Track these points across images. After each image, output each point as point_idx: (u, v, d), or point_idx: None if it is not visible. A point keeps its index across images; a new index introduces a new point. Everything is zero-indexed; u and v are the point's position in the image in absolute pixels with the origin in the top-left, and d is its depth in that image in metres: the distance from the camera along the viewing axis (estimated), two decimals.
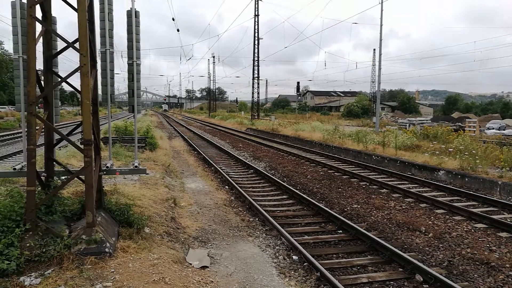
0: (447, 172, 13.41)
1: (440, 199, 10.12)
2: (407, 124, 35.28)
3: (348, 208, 9.68)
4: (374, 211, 9.35)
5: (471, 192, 10.86)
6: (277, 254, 6.56)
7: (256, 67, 48.46)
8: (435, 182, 12.35)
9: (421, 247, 7.05)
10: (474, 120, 36.94)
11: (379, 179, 12.73)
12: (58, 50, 5.97)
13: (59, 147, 13.41)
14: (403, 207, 9.74)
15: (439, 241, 7.34)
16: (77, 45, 5.22)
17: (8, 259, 4.27)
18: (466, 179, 12.52)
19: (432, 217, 8.83)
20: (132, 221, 5.98)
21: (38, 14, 5.23)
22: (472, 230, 7.94)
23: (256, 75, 49.11)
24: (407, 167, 15.20)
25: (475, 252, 6.75)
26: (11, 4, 5.75)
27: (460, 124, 35.32)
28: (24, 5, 5.72)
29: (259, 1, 45.99)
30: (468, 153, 14.10)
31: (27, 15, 4.90)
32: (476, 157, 13.51)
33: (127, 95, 6.83)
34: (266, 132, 33.47)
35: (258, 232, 7.68)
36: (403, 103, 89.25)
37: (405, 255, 6.24)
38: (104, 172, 6.18)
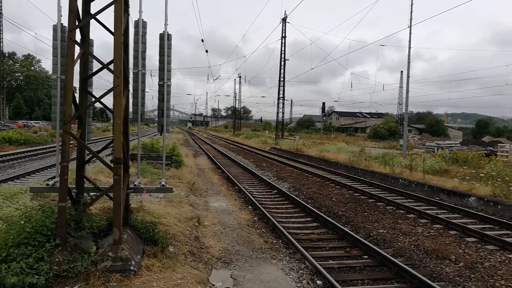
0: (478, 198, 12.94)
1: (471, 226, 9.75)
2: (435, 148, 34.41)
3: (374, 232, 9.45)
4: (401, 237, 9.09)
5: (505, 221, 10.41)
6: (300, 278, 6.45)
7: (282, 87, 48.78)
8: (465, 209, 11.93)
9: (451, 276, 6.77)
10: (506, 144, 35.65)
11: (406, 204, 12.41)
12: (93, 71, 6.22)
13: (88, 163, 13.80)
14: (432, 233, 9.43)
15: (471, 271, 7.03)
16: (111, 66, 5.43)
17: (37, 274, 4.37)
18: (499, 207, 12.03)
19: (462, 245, 8.50)
20: (157, 239, 6.04)
21: (77, 37, 5.48)
22: (506, 261, 7.57)
23: (281, 95, 49.39)
24: (435, 192, 14.77)
25: (510, 284, 6.43)
26: (52, 27, 6.07)
27: (491, 148, 34.22)
28: (64, 28, 6.03)
29: (286, 23, 46.58)
30: (501, 179, 13.59)
31: (68, 38, 5.14)
32: (510, 183, 13.01)
33: (154, 112, 7.03)
34: (290, 152, 33.37)
35: (281, 255, 7.59)
36: (431, 125, 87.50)
37: (434, 284, 6.01)
38: (132, 190, 6.29)
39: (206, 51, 35.87)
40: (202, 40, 31.04)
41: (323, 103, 63.99)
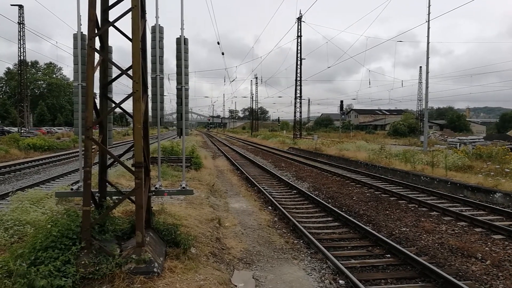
0: (504, 194, 12.60)
1: (497, 223, 9.50)
2: (458, 143, 33.61)
3: (396, 231, 9.32)
4: (424, 235, 8.94)
5: None
6: (323, 278, 6.42)
7: (299, 86, 48.60)
8: (491, 205, 11.62)
9: (477, 275, 6.62)
10: None
11: (429, 201, 12.19)
12: (113, 77, 6.35)
13: (109, 167, 14.07)
14: (456, 231, 9.24)
15: (498, 269, 6.86)
16: (130, 72, 5.53)
17: (65, 276, 4.48)
18: None
19: (489, 243, 8.30)
20: (179, 241, 6.11)
21: (97, 45, 5.60)
22: None
23: (298, 95, 49.20)
24: (458, 189, 14.46)
25: None
26: (73, 36, 6.22)
27: None
28: (84, 37, 6.17)
29: (302, 23, 46.39)
30: None
31: (88, 46, 5.27)
32: None
33: (172, 115, 7.11)
34: (308, 152, 33.21)
35: (303, 255, 7.57)
36: (452, 121, 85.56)
37: (460, 283, 5.89)
38: (153, 193, 6.39)
39: (222, 54, 35.91)
40: (218, 43, 31.17)
41: (341, 101, 62.83)
